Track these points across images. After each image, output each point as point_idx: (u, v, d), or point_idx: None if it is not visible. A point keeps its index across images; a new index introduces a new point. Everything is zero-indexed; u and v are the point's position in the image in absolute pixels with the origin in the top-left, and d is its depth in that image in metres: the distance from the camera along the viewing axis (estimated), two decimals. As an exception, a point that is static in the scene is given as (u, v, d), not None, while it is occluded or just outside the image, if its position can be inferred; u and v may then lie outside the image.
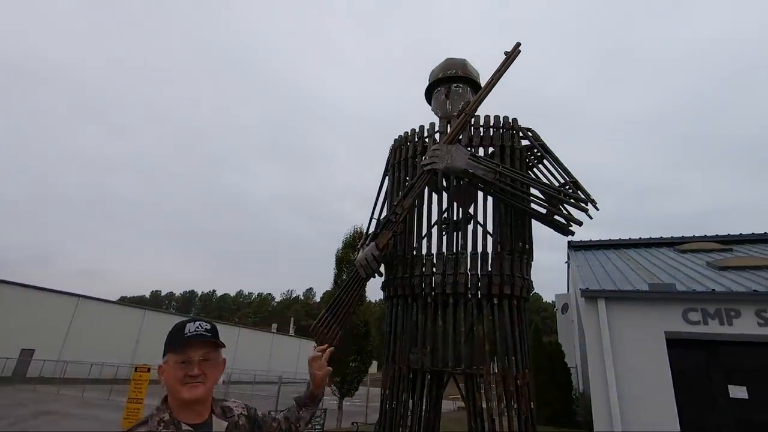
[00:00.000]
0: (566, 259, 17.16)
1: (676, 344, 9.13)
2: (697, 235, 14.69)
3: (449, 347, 2.57)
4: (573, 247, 15.93)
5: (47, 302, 27.93)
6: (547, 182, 2.80)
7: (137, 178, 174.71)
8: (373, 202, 3.58)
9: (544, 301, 61.71)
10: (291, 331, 64.92)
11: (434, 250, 2.84)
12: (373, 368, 30.50)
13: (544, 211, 2.62)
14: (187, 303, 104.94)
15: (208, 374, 1.33)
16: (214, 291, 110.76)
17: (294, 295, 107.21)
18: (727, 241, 13.82)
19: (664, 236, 15.10)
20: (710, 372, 9.21)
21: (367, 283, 2.98)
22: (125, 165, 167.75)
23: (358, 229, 13.75)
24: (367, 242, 3.06)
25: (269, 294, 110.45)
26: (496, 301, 2.61)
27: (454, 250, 2.77)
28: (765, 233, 13.79)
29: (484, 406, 2.42)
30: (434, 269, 2.77)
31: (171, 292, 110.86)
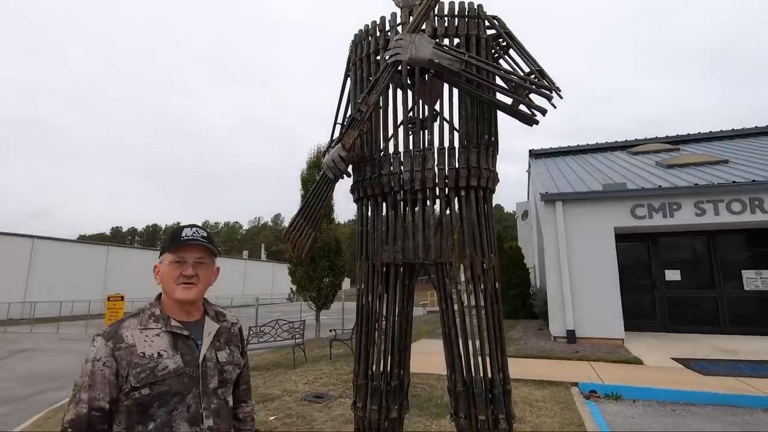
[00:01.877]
0: (527, 168, 17.71)
1: (624, 238, 10.00)
2: (648, 137, 15.37)
3: (420, 240, 2.67)
4: (534, 155, 16.36)
5: (-1, 245, 26.62)
6: (512, 71, 2.75)
7: (71, 107, 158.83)
8: (336, 106, 3.44)
9: (505, 211, 64.66)
10: (263, 257, 65.89)
11: (401, 149, 2.82)
12: (346, 284, 31.88)
13: (510, 101, 2.60)
14: (151, 237, 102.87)
15: (202, 276, 1.39)
16: (178, 223, 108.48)
17: (262, 222, 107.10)
18: (675, 142, 14.57)
19: (618, 140, 15.70)
20: (651, 259, 10.26)
21: (336, 185, 2.96)
22: (53, 91, 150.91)
23: (321, 149, 13.47)
24: (333, 145, 2.98)
25: (237, 222, 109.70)
26: (463, 194, 2.68)
27: (421, 147, 2.75)
28: (710, 132, 14.59)
29: (453, 289, 2.59)
30: (402, 167, 2.76)
31: (133, 228, 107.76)
